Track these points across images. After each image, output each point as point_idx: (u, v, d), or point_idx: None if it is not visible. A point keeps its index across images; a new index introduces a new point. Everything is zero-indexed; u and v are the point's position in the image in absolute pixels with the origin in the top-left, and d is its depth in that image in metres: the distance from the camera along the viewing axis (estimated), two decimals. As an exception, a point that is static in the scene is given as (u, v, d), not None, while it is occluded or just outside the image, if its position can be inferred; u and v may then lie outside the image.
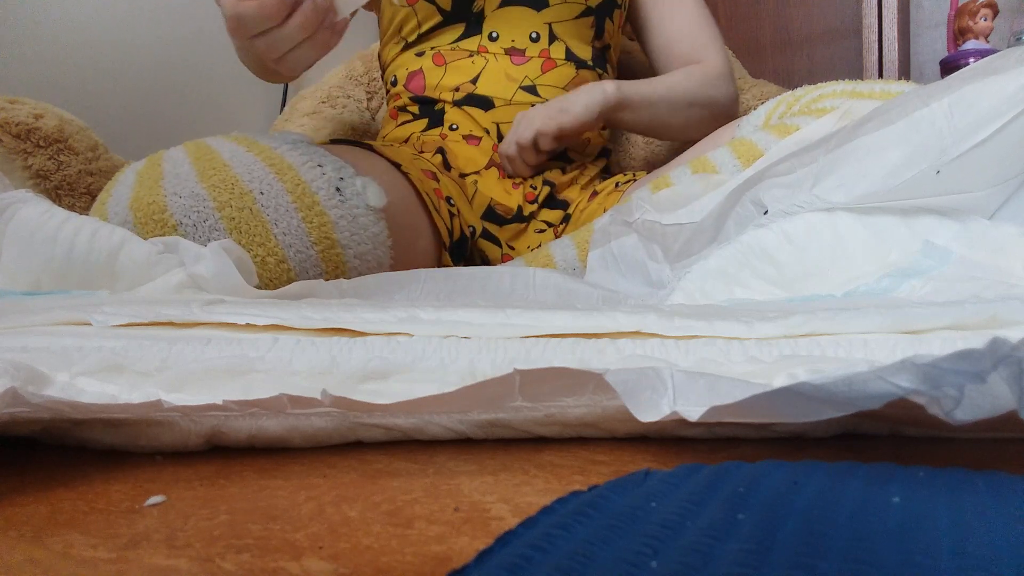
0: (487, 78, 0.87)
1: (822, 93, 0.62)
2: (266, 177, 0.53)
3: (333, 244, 0.55)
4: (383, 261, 0.59)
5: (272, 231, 0.53)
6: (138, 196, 0.52)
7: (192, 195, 0.51)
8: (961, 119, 0.40)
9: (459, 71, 0.87)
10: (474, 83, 0.87)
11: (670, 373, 0.22)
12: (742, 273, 0.44)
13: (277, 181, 0.54)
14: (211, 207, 0.51)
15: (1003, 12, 1.39)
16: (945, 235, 0.42)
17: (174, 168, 0.53)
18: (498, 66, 0.87)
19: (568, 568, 0.14)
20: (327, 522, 0.19)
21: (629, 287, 0.55)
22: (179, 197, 0.51)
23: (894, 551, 0.14)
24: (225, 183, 0.52)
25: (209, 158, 0.54)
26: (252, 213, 0.52)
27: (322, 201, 0.55)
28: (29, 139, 0.76)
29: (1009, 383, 0.18)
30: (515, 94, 0.87)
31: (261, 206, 0.52)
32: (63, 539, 0.18)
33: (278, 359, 0.28)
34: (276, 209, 0.53)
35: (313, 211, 0.54)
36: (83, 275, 0.47)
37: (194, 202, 0.51)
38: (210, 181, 0.52)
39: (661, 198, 0.60)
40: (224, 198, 0.51)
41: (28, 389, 0.22)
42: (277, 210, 0.53)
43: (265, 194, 0.53)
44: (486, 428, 0.25)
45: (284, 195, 0.54)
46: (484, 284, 0.56)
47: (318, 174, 0.56)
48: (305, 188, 0.54)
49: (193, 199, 0.51)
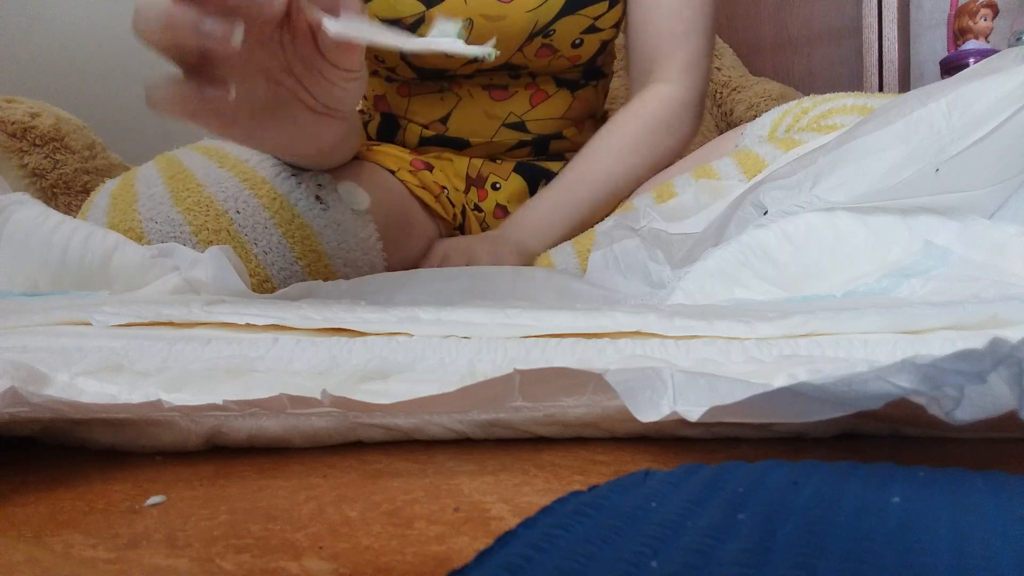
0: (460, 116, 0.75)
1: (832, 107, 0.61)
2: (240, 194, 0.52)
3: (319, 256, 0.53)
4: (376, 264, 0.58)
5: (252, 251, 0.51)
6: (113, 222, 0.51)
7: (168, 220, 0.50)
8: (959, 118, 0.40)
9: (426, 106, 0.76)
10: (444, 123, 0.76)
11: (670, 373, 0.22)
12: (742, 273, 0.44)
13: (253, 197, 0.52)
14: (187, 232, 0.50)
15: (1003, 12, 1.39)
16: (945, 235, 0.42)
17: (148, 189, 0.52)
18: (474, 103, 0.75)
19: (568, 568, 0.14)
20: (327, 522, 0.19)
21: (629, 287, 0.55)
22: (155, 223, 0.50)
23: (894, 551, 0.14)
24: (200, 205, 0.51)
25: (183, 177, 0.52)
26: (230, 235, 0.51)
27: (302, 213, 0.53)
28: (25, 138, 0.76)
29: (1009, 383, 0.18)
30: (497, 132, 0.76)
31: (238, 226, 0.51)
32: (63, 539, 0.18)
33: (278, 359, 0.28)
34: (254, 228, 0.51)
35: (294, 224, 0.52)
36: (77, 279, 0.47)
37: (170, 228, 0.50)
38: (184, 204, 0.51)
39: (668, 207, 0.60)
40: (200, 221, 0.50)
41: (28, 389, 0.22)
42: (255, 228, 0.51)
43: (241, 213, 0.51)
44: (486, 428, 0.25)
45: (261, 211, 0.52)
46: (484, 284, 0.56)
47: (294, 184, 0.54)
48: (283, 201, 0.53)
49: (169, 224, 0.50)
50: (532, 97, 0.76)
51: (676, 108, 0.73)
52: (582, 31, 0.73)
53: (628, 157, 0.71)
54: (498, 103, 0.76)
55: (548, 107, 0.77)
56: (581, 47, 0.74)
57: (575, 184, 0.71)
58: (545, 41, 0.72)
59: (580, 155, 0.73)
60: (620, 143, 0.72)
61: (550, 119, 0.77)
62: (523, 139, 0.77)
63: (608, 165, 0.71)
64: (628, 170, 0.71)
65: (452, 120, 0.76)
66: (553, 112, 0.77)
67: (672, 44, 0.73)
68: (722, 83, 1.22)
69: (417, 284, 0.54)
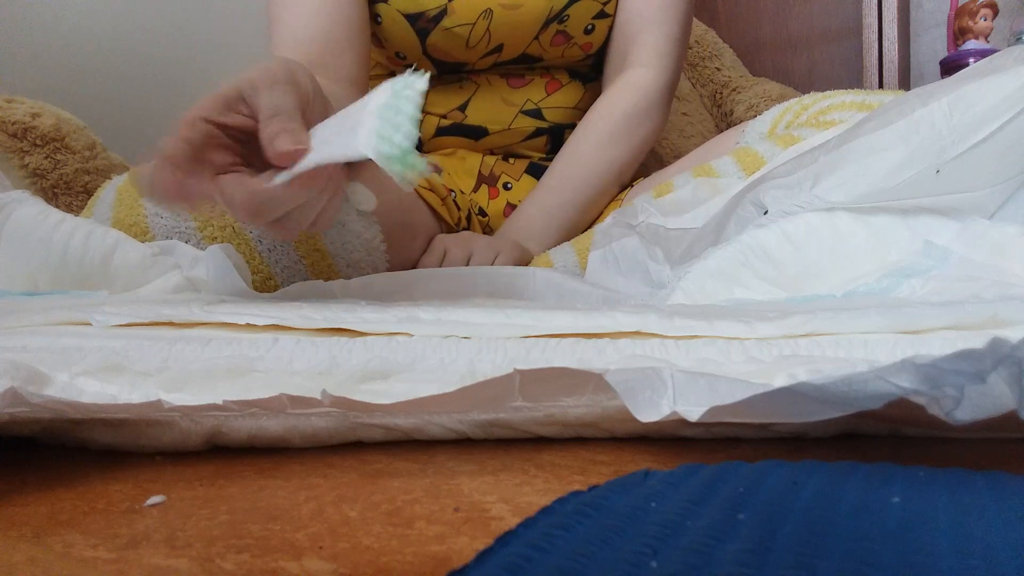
0: (479, 103, 0.77)
1: (831, 104, 0.61)
2: None
3: (323, 255, 0.53)
4: (379, 265, 0.58)
5: (256, 248, 0.51)
6: (119, 217, 0.51)
7: (173, 215, 0.51)
8: (960, 119, 0.40)
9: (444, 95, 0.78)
10: (463, 111, 0.78)
11: (670, 373, 0.22)
12: (742, 273, 0.44)
13: None
14: (192, 227, 0.51)
15: (1003, 12, 1.39)
16: (945, 235, 0.42)
17: None
18: (492, 90, 0.78)
19: (568, 568, 0.14)
20: (327, 522, 0.19)
21: (629, 287, 0.55)
22: (160, 218, 0.51)
23: (894, 551, 0.14)
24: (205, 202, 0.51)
25: None
26: (235, 231, 0.51)
27: None
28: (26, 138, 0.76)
29: (1009, 383, 0.18)
30: (515, 119, 0.78)
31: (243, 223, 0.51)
32: (63, 539, 0.18)
33: (278, 359, 0.28)
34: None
35: None
36: (78, 277, 0.47)
37: (176, 223, 0.51)
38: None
39: (666, 202, 0.60)
40: (205, 217, 0.51)
41: (28, 389, 0.22)
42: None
43: None
44: (486, 428, 0.25)
45: None
46: (485, 284, 0.56)
47: None
48: None
49: (175, 219, 0.51)
50: (548, 85, 0.79)
51: (651, 95, 0.76)
52: (593, 16, 0.76)
53: (610, 149, 0.74)
54: (516, 90, 0.78)
55: (563, 96, 0.79)
56: (593, 33, 0.77)
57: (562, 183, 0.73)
58: (560, 27, 0.75)
59: (564, 149, 0.75)
60: (601, 135, 0.74)
61: (565, 108, 0.80)
62: (540, 126, 0.79)
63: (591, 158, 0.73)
64: (610, 162, 0.74)
65: (471, 107, 0.77)
66: (567, 101, 0.80)
67: (648, 28, 0.76)
68: (722, 83, 1.22)
69: (417, 284, 0.54)
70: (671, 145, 1.07)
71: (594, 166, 0.73)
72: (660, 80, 0.76)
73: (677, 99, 1.13)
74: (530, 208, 0.73)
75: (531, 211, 0.73)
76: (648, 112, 0.76)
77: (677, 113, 1.12)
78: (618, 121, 0.74)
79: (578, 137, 0.75)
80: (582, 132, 0.75)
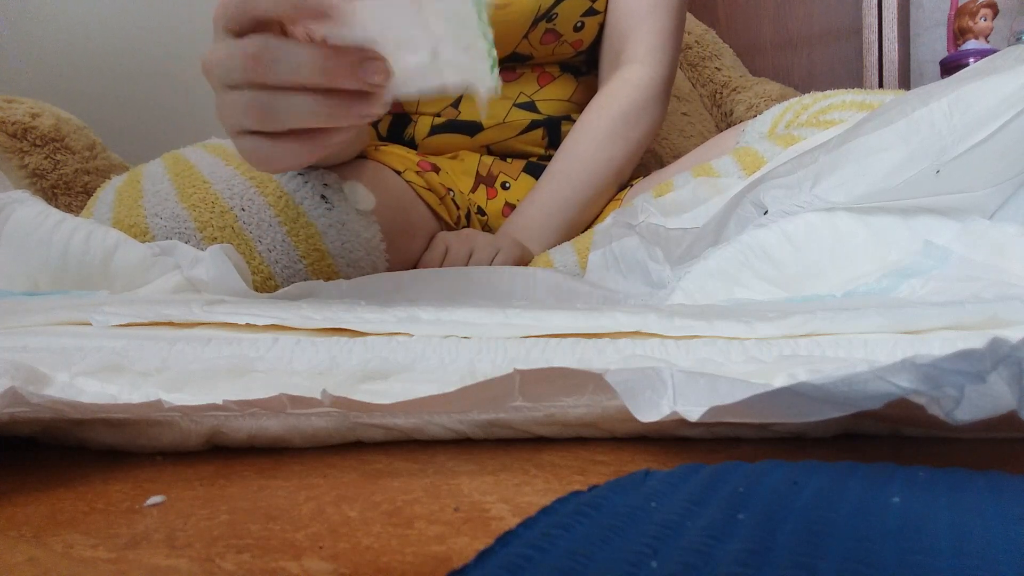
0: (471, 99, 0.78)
1: (831, 103, 0.61)
2: (247, 191, 0.52)
3: (323, 255, 0.54)
4: (378, 264, 0.58)
5: (256, 248, 0.51)
6: (118, 217, 0.51)
7: (173, 216, 0.51)
8: (960, 119, 0.40)
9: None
10: (456, 107, 0.77)
11: (670, 373, 0.22)
12: (742, 273, 0.44)
13: (258, 195, 0.52)
14: (192, 228, 0.51)
15: (1003, 12, 1.39)
16: (945, 235, 0.42)
17: (153, 186, 0.52)
18: None
19: (568, 568, 0.14)
20: (327, 522, 0.19)
21: (629, 287, 0.55)
22: (159, 218, 0.51)
23: (894, 551, 0.14)
24: (205, 202, 0.51)
25: (189, 174, 0.52)
26: (234, 231, 0.51)
27: (307, 212, 0.53)
28: (25, 138, 0.76)
29: (1009, 383, 0.18)
30: (509, 112, 0.78)
31: (243, 223, 0.51)
32: (63, 539, 0.18)
33: (278, 359, 0.28)
34: (259, 225, 0.51)
35: (298, 223, 0.53)
36: (78, 277, 0.47)
37: (175, 223, 0.51)
38: (190, 200, 0.51)
39: (666, 202, 0.60)
40: (205, 218, 0.51)
41: (28, 389, 0.22)
42: (260, 226, 0.52)
43: (247, 210, 0.51)
44: (486, 428, 0.25)
45: (267, 209, 0.52)
46: (485, 284, 0.56)
47: (300, 183, 0.54)
48: (288, 200, 0.53)
49: (174, 220, 0.51)
50: (539, 78, 0.79)
51: (648, 91, 0.75)
52: (582, 14, 0.76)
53: (608, 146, 0.73)
54: (507, 84, 0.78)
55: (555, 88, 0.79)
56: (582, 31, 0.77)
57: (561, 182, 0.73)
58: (548, 26, 0.75)
59: (562, 148, 0.75)
60: (599, 133, 0.74)
61: (558, 100, 0.79)
62: (535, 119, 0.78)
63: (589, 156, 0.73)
64: (609, 160, 0.73)
65: (464, 103, 0.77)
66: (560, 94, 0.80)
67: (641, 24, 0.75)
68: (722, 83, 1.22)
69: (417, 284, 0.54)
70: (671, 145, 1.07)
71: (593, 164, 0.73)
72: (656, 75, 0.76)
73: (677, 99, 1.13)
74: (529, 207, 0.73)
75: (530, 210, 0.73)
76: (645, 108, 0.75)
77: (677, 113, 1.12)
78: (615, 118, 0.74)
79: (576, 135, 0.75)
80: (580, 130, 0.75)
